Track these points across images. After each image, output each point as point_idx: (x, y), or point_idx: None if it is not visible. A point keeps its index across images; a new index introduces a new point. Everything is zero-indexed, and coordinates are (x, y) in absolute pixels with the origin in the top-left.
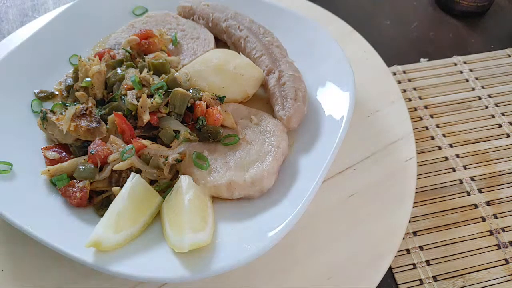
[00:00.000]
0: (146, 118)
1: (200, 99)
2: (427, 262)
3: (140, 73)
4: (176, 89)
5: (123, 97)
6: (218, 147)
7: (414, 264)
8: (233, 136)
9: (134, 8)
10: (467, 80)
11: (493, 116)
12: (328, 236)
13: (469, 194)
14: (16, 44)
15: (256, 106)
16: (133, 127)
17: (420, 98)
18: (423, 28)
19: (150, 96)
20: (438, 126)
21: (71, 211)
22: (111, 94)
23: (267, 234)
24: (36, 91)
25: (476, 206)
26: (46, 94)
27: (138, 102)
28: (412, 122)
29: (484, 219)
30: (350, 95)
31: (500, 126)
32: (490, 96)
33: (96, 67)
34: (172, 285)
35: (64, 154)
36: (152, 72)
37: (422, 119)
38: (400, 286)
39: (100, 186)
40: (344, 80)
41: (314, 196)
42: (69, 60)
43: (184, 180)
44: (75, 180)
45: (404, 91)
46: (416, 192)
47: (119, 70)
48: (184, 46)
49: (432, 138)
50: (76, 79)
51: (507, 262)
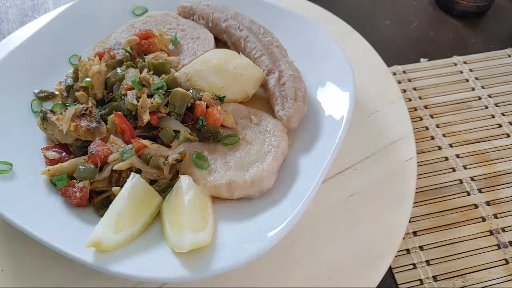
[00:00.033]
0: (146, 118)
1: (200, 99)
2: (427, 262)
3: (140, 73)
4: (176, 89)
5: (123, 97)
6: (218, 147)
7: (414, 264)
8: (233, 136)
9: (134, 8)
10: (467, 80)
11: (493, 116)
12: (328, 236)
13: (469, 194)
14: (16, 44)
15: (256, 106)
16: (133, 127)
17: (420, 98)
18: (423, 28)
19: (150, 96)
20: (438, 126)
21: (71, 211)
22: (111, 94)
23: (267, 234)
24: (36, 91)
25: (476, 206)
26: (46, 94)
27: (138, 102)
28: (412, 122)
29: (484, 219)
30: (350, 95)
31: (500, 126)
32: (490, 96)
33: (96, 67)
34: (172, 285)
35: (64, 154)
36: (152, 72)
37: (422, 119)
38: (400, 286)
39: (100, 186)
40: (344, 80)
41: (314, 196)
42: (69, 60)
43: (184, 180)
44: (75, 180)
45: (404, 91)
46: (416, 192)
47: (119, 70)
48: (184, 46)
49: (432, 138)
50: (76, 79)
51: (507, 262)
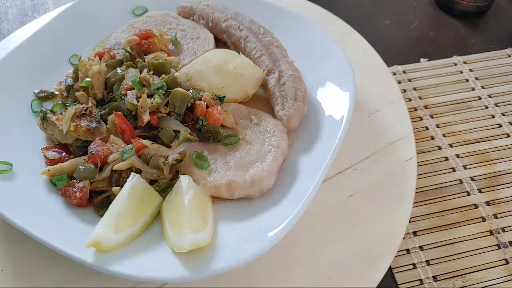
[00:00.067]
0: (146, 118)
1: (200, 99)
2: (427, 262)
3: (140, 73)
4: (176, 89)
5: (123, 97)
6: (218, 147)
7: (414, 264)
8: (233, 136)
9: (134, 8)
10: (467, 80)
11: (493, 116)
12: (328, 236)
13: (469, 194)
14: (16, 44)
15: (256, 106)
16: (133, 127)
17: (420, 98)
18: (423, 28)
19: (150, 96)
20: (438, 126)
21: (71, 211)
22: (111, 94)
23: (267, 234)
24: (36, 91)
25: (476, 206)
26: (46, 94)
27: (138, 102)
28: (412, 122)
29: (484, 219)
30: (350, 95)
31: (500, 126)
32: (490, 96)
33: (96, 67)
34: (172, 285)
35: (64, 154)
36: (152, 72)
37: (422, 119)
38: (400, 286)
39: (100, 186)
40: (344, 80)
41: (314, 196)
42: (69, 60)
43: (184, 180)
44: (75, 180)
45: (404, 91)
46: (416, 192)
47: (119, 70)
48: (184, 46)
49: (432, 138)
50: (76, 79)
51: (507, 262)
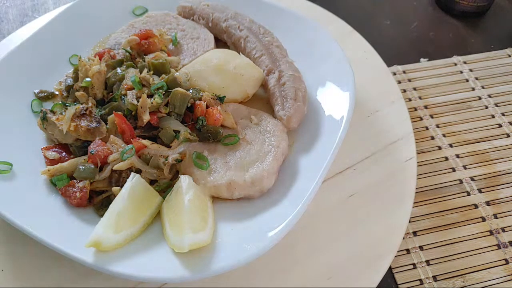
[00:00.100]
0: (146, 118)
1: (200, 99)
2: (427, 262)
3: (140, 73)
4: (176, 89)
5: (123, 97)
6: (218, 147)
7: (414, 264)
8: (233, 136)
9: (134, 8)
10: (467, 80)
11: (493, 116)
12: (328, 236)
13: (469, 194)
14: (16, 44)
15: (256, 106)
16: (133, 127)
17: (420, 98)
18: (423, 28)
19: (150, 96)
20: (438, 126)
21: (71, 211)
22: (111, 94)
23: (267, 234)
24: (36, 91)
25: (476, 206)
26: (46, 94)
27: (138, 102)
28: (412, 122)
29: (484, 219)
30: (350, 95)
31: (500, 126)
32: (490, 96)
33: (96, 67)
34: (172, 285)
35: (64, 154)
36: (152, 72)
37: (422, 119)
38: (400, 286)
39: (100, 186)
40: (344, 80)
41: (314, 196)
42: (69, 60)
43: (184, 180)
44: (75, 180)
45: (404, 91)
46: (416, 192)
47: (119, 70)
48: (184, 46)
49: (432, 138)
50: (76, 79)
51: (507, 262)
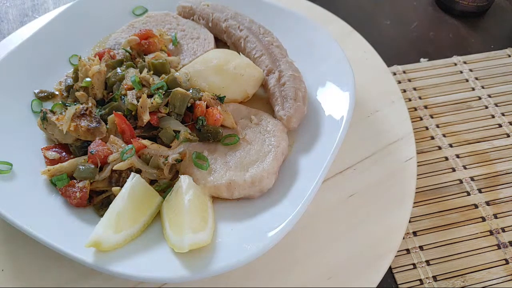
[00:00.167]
0: (146, 118)
1: (200, 99)
2: (427, 262)
3: (140, 73)
4: (176, 89)
5: (123, 97)
6: (218, 147)
7: (414, 264)
8: (233, 136)
9: (134, 8)
10: (467, 80)
11: (493, 116)
12: (328, 236)
13: (469, 194)
14: (16, 44)
15: (256, 106)
16: (133, 127)
17: (420, 98)
18: (423, 28)
19: (150, 96)
20: (438, 126)
21: (71, 211)
22: (111, 94)
23: (267, 234)
24: (36, 91)
25: (476, 206)
26: (46, 94)
27: (138, 102)
28: (412, 122)
29: (484, 219)
30: (350, 95)
31: (500, 126)
32: (490, 96)
33: (96, 67)
34: (172, 285)
35: (64, 154)
36: (152, 72)
37: (422, 119)
38: (400, 286)
39: (100, 186)
40: (344, 80)
41: (314, 196)
42: (69, 60)
43: (184, 180)
44: (75, 180)
45: (404, 91)
46: (416, 192)
47: (119, 70)
48: (184, 46)
49: (432, 138)
50: (76, 79)
51: (507, 262)
